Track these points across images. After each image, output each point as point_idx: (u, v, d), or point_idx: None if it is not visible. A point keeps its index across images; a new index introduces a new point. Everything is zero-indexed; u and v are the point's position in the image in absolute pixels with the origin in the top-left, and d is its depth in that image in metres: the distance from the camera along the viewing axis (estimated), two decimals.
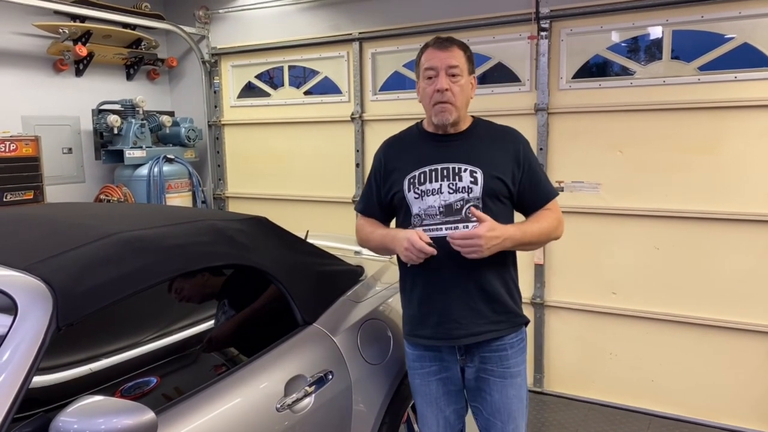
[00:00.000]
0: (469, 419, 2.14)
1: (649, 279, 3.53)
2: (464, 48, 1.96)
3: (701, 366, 3.45)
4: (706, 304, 3.40)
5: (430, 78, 1.92)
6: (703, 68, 3.30)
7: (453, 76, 1.91)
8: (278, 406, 1.82)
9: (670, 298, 3.48)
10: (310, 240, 2.62)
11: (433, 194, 1.93)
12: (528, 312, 3.24)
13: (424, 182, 1.95)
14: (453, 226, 1.89)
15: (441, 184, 1.93)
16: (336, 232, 4.07)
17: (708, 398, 3.45)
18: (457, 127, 1.99)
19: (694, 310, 3.43)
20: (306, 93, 4.60)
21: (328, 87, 4.50)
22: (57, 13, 4.13)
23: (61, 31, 4.13)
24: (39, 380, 2.34)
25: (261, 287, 2.40)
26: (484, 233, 1.79)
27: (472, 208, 1.86)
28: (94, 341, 2.60)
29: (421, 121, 2.10)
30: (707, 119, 3.29)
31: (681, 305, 3.46)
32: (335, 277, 2.43)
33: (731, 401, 3.39)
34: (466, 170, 1.93)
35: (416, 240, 1.83)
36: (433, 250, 1.83)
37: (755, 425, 3.34)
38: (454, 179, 1.92)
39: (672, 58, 3.37)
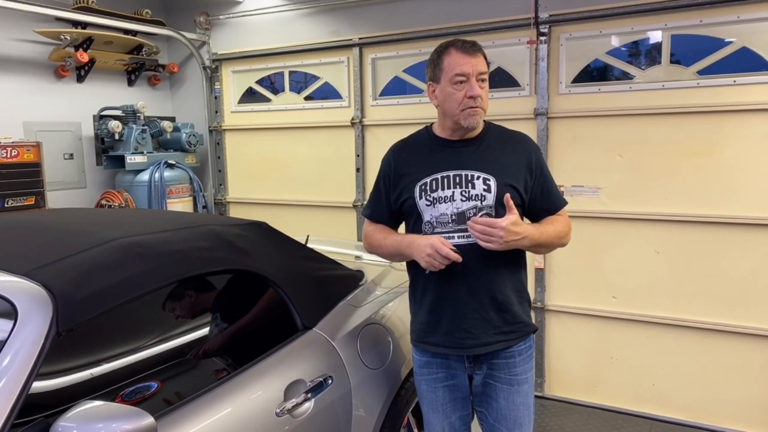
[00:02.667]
0: (475, 425, 2.13)
1: (650, 283, 3.52)
2: (484, 53, 1.95)
3: (703, 370, 3.44)
4: (708, 308, 3.39)
5: (460, 83, 1.88)
6: (703, 72, 3.30)
7: (481, 81, 1.90)
8: (278, 410, 1.83)
9: (671, 302, 3.48)
10: (310, 245, 2.62)
11: (445, 202, 1.90)
12: None
13: (436, 189, 1.92)
14: (465, 234, 1.86)
15: (453, 192, 1.90)
16: (336, 237, 4.08)
17: (710, 402, 3.44)
18: (471, 132, 1.97)
19: (696, 314, 3.42)
20: (306, 98, 4.61)
21: (328, 92, 4.51)
22: (58, 19, 4.15)
23: (62, 37, 4.14)
24: (39, 385, 2.33)
25: (256, 294, 2.39)
26: (507, 225, 1.78)
27: (507, 195, 1.83)
28: (94, 346, 2.60)
29: (431, 125, 2.06)
30: (707, 123, 3.29)
31: (682, 309, 3.45)
32: (335, 282, 2.43)
33: (733, 405, 3.38)
34: (479, 178, 1.90)
35: (441, 246, 1.81)
36: (458, 257, 1.81)
37: (757, 429, 3.33)
38: (466, 187, 1.90)
39: (671, 62, 3.37)
